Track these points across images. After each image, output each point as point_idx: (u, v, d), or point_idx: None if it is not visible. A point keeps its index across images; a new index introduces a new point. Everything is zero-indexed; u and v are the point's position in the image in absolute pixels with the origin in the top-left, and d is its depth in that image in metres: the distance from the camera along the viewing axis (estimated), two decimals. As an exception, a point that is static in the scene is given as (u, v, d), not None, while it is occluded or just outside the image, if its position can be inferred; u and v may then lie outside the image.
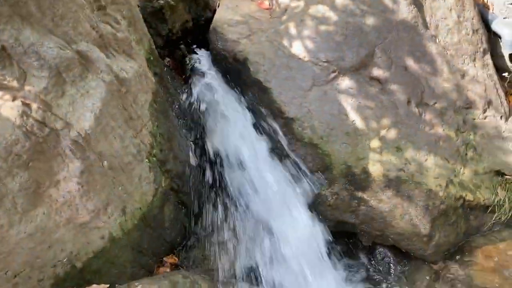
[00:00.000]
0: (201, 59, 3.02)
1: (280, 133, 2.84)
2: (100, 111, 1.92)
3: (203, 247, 2.98)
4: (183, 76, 3.00)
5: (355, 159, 2.81)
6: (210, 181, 2.98)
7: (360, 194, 2.84)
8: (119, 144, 2.08)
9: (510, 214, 3.04)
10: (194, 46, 3.10)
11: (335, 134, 2.79)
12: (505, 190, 3.04)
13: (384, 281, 3.01)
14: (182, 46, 3.04)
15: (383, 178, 2.80)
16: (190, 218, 2.95)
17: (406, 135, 2.81)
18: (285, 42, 2.77)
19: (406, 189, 2.80)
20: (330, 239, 2.85)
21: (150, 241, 2.57)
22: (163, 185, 2.55)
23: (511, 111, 3.18)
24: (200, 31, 3.13)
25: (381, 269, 3.06)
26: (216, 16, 2.98)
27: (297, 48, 2.80)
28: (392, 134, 2.80)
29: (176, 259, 2.86)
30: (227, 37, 2.88)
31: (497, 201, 3.01)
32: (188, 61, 3.05)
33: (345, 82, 2.78)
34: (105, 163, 2.06)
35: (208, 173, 2.98)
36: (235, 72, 2.89)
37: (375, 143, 2.81)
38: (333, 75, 2.76)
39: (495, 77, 3.18)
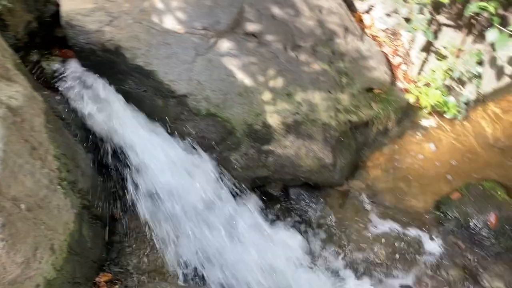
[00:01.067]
0: (63, 60, 2.70)
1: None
2: (3, 152, 1.64)
3: (132, 252, 2.86)
4: (50, 85, 2.66)
5: (254, 116, 2.87)
6: (116, 185, 2.83)
7: (266, 147, 2.94)
8: (30, 181, 1.82)
9: (386, 122, 3.46)
10: (49, 47, 2.74)
11: (229, 98, 2.79)
12: (377, 103, 3.42)
13: (303, 214, 3.24)
14: (35, 51, 2.66)
15: (282, 126, 2.92)
16: (108, 229, 2.79)
17: (292, 80, 2.94)
18: (155, 19, 2.61)
19: (304, 130, 2.97)
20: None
21: (81, 268, 2.39)
22: (78, 206, 2.33)
23: (362, 30, 3.53)
24: (48, 29, 2.75)
25: (298, 206, 3.28)
26: (63, 9, 2.63)
27: (170, 22, 2.66)
28: (279, 82, 2.91)
29: (109, 274, 2.71)
30: (87, 29, 2.59)
31: (374, 114, 3.39)
32: (46, 66, 2.70)
33: (225, 45, 2.76)
34: (22, 206, 1.81)
35: (112, 177, 2.81)
36: (108, 64, 2.65)
37: (267, 96, 2.89)
38: (212, 40, 2.71)
39: (343, 4, 3.45)
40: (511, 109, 3.59)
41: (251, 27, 2.84)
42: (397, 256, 2.92)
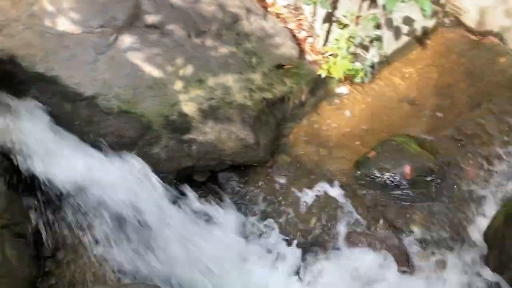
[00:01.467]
0: None
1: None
2: None
3: (66, 264, 2.80)
4: None
5: (168, 107, 2.87)
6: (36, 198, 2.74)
7: (186, 136, 2.96)
8: None
9: (300, 96, 3.57)
10: None
11: (140, 93, 2.77)
12: (289, 78, 3.53)
13: (234, 195, 3.31)
14: None
15: (199, 112, 2.94)
16: (33, 244, 2.70)
17: (202, 66, 2.96)
18: (48, 23, 2.53)
19: (222, 113, 3.01)
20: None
21: (11, 291, 2.31)
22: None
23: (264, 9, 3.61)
24: None
25: (228, 189, 3.33)
26: None
27: (64, 24, 2.59)
28: (189, 70, 2.92)
29: (45, 292, 2.65)
30: (-32, 42, 2.47)
31: (288, 90, 3.49)
32: None
33: (127, 40, 2.73)
34: None
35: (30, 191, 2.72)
36: (8, 76, 2.53)
37: (178, 85, 2.90)
38: (112, 38, 2.67)
39: (241, -15, 3.51)
40: (413, 65, 3.84)
41: (151, 18, 2.82)
42: (324, 219, 3.07)
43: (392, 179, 3.15)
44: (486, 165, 3.23)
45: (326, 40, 3.76)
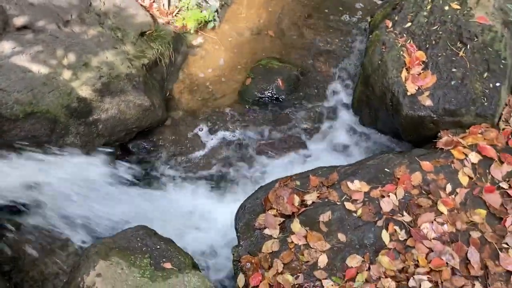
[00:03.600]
0: None
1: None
2: None
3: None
4: None
5: (67, 97, 3.03)
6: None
7: (91, 118, 3.16)
8: None
9: (168, 55, 3.93)
10: None
11: (38, 91, 2.90)
12: (154, 42, 3.85)
13: (146, 158, 3.64)
14: None
15: (94, 92, 3.16)
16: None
17: (81, 51, 3.15)
18: None
19: (115, 87, 3.26)
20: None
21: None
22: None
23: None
24: None
25: (141, 155, 3.64)
26: None
27: None
28: (72, 58, 3.09)
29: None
30: None
31: (157, 52, 3.82)
32: None
33: (6, 46, 2.82)
34: None
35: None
36: None
37: (67, 74, 3.06)
38: (-6, 45, 2.72)
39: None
40: (252, 1, 4.44)
41: (19, 21, 2.91)
42: (225, 155, 3.65)
43: (271, 93, 3.78)
44: (332, 60, 4.05)
45: (169, 2, 4.14)
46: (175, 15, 4.09)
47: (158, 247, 2.29)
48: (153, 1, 4.14)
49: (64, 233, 2.96)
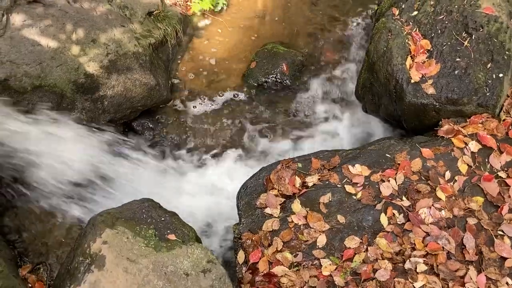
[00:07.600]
0: None
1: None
2: None
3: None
4: None
5: (74, 72, 3.06)
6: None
7: (97, 94, 3.19)
8: None
9: (175, 35, 3.96)
10: None
11: (46, 65, 2.93)
12: (161, 22, 3.87)
13: (151, 137, 3.68)
14: None
15: (101, 69, 3.18)
16: None
17: (90, 27, 3.17)
18: None
19: (121, 65, 3.28)
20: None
21: None
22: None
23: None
24: None
25: (146, 133, 3.68)
26: None
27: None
28: (80, 33, 3.11)
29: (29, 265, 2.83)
30: None
31: (164, 32, 3.84)
32: None
33: (17, 19, 2.83)
34: None
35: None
36: None
37: (75, 50, 3.09)
38: (4, 19, 2.74)
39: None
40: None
41: (29, -7, 2.93)
42: (228, 136, 3.70)
43: (276, 77, 3.82)
44: (337, 47, 4.08)
45: (177, -17, 4.15)
46: (188, -1, 4.12)
47: (163, 219, 2.35)
48: (161, -19, 4.17)
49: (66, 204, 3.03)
